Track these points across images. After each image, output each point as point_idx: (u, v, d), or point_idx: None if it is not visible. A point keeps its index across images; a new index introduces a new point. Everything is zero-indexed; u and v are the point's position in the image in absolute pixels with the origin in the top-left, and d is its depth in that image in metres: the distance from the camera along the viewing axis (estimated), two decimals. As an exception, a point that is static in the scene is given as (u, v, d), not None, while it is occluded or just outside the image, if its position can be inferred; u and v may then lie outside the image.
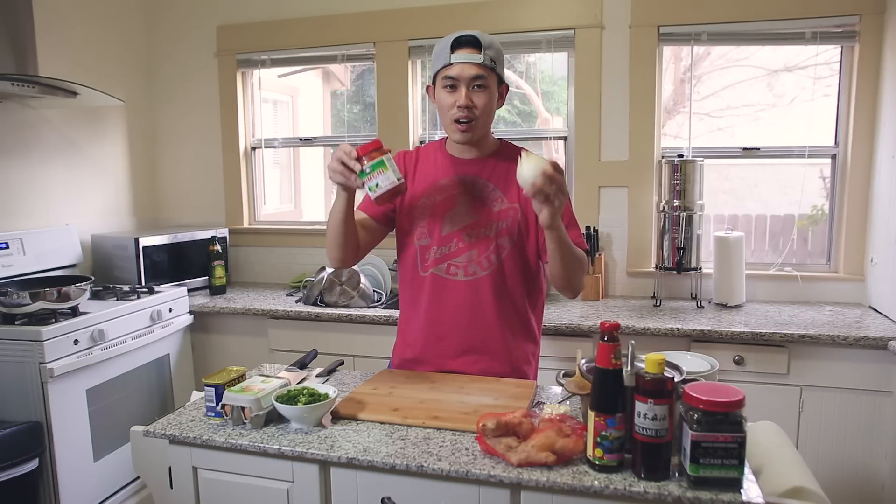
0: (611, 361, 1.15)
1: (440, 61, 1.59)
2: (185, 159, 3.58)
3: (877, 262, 2.63)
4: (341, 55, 3.30)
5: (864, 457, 2.32)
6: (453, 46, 1.56)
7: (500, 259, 1.65)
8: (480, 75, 1.56)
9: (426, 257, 1.70)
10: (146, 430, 1.43)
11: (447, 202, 1.68)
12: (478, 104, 1.58)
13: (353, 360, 2.72)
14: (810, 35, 2.73)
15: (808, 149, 2.81)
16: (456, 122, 1.59)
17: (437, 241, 1.68)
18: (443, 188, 1.69)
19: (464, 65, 1.55)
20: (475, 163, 1.68)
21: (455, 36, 1.57)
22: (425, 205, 1.70)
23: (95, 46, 3.18)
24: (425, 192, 1.70)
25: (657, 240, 2.93)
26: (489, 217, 1.65)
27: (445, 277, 1.68)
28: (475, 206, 1.66)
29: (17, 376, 2.24)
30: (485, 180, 1.67)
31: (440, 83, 1.60)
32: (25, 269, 2.66)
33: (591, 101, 2.96)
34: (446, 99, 1.59)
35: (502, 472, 1.19)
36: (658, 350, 1.26)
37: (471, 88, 1.57)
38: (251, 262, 3.53)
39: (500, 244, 1.65)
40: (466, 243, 1.66)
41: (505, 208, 1.65)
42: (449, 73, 1.57)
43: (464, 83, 1.56)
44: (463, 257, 1.66)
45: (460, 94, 1.57)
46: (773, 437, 1.43)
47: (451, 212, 1.67)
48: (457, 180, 1.68)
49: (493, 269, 1.66)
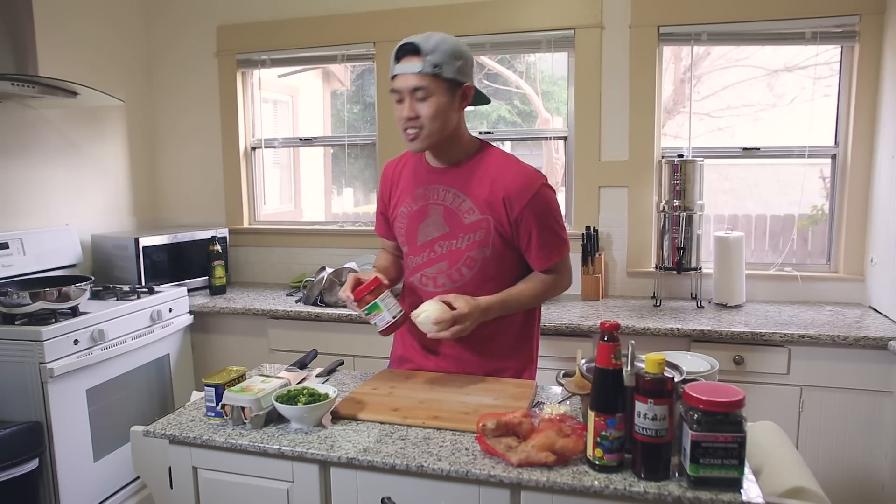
0: (611, 361, 1.15)
1: (391, 73, 1.57)
2: (185, 159, 3.58)
3: (877, 262, 2.63)
4: (341, 55, 3.30)
5: (864, 457, 2.32)
6: (397, 56, 1.54)
7: (472, 271, 1.64)
8: (420, 86, 1.51)
9: (408, 265, 1.75)
10: (146, 430, 1.43)
11: (422, 212, 1.68)
12: (421, 114, 1.53)
13: (353, 360, 2.73)
14: (810, 35, 2.73)
15: (808, 149, 2.81)
16: (405, 132, 1.58)
17: (413, 250, 1.70)
18: (418, 197, 1.68)
19: (404, 76, 1.53)
20: (448, 172, 1.65)
21: (398, 45, 1.54)
22: (404, 214, 1.71)
23: (95, 46, 3.18)
24: (405, 201, 1.71)
25: (657, 240, 2.93)
26: (459, 229, 1.63)
27: (421, 287, 1.70)
28: (447, 217, 1.64)
29: (17, 376, 2.24)
30: (456, 190, 1.63)
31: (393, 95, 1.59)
32: (25, 269, 2.66)
33: (591, 101, 2.96)
34: (395, 111, 1.58)
35: (502, 472, 1.19)
36: (658, 350, 1.26)
37: (413, 99, 1.53)
38: (251, 262, 3.53)
39: (471, 256, 1.63)
40: (437, 255, 1.66)
41: (476, 220, 1.61)
42: (393, 86, 1.56)
43: (406, 94, 1.53)
44: (433, 268, 1.67)
45: (404, 105, 1.55)
46: (773, 437, 1.43)
47: (425, 222, 1.67)
48: (430, 190, 1.67)
49: (463, 281, 1.64)
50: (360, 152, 3.50)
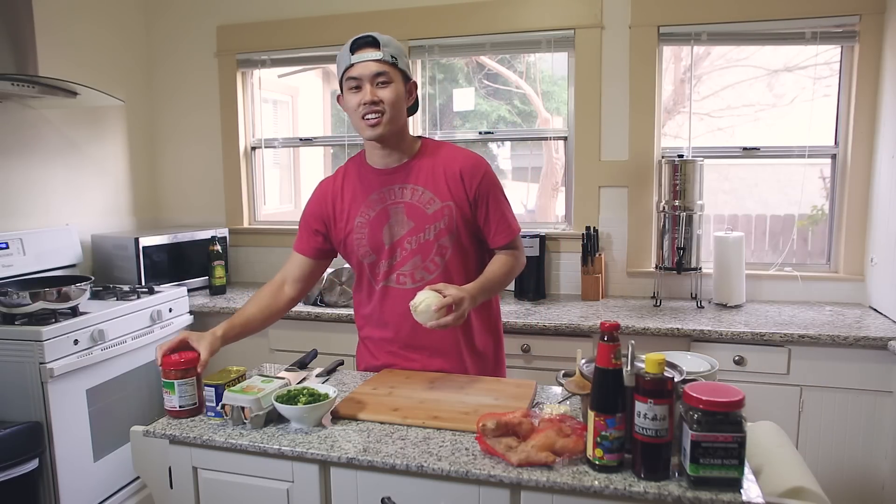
0: (611, 361, 1.15)
1: (342, 65, 1.60)
2: (185, 159, 3.58)
3: (877, 262, 2.63)
4: (341, 55, 3.30)
5: (864, 457, 2.32)
6: (352, 49, 1.58)
7: (445, 259, 1.67)
8: (382, 71, 1.58)
9: (376, 272, 1.72)
10: (146, 430, 1.43)
11: (382, 216, 1.68)
12: (384, 98, 1.58)
13: (353, 360, 2.71)
14: (810, 35, 2.73)
15: (808, 149, 2.81)
16: (364, 119, 1.59)
17: (383, 255, 1.70)
18: (373, 202, 1.69)
19: (365, 63, 1.57)
20: (399, 170, 1.68)
21: (353, 39, 1.59)
22: (363, 223, 1.70)
23: (95, 46, 3.18)
24: (358, 210, 1.71)
25: (657, 240, 2.93)
26: (425, 220, 1.66)
27: (396, 287, 1.70)
28: (409, 213, 1.67)
29: (17, 376, 2.24)
30: (412, 185, 1.67)
31: (346, 86, 1.61)
32: (25, 269, 2.66)
33: (591, 101, 2.96)
34: (352, 100, 1.60)
35: (502, 472, 1.19)
36: (658, 350, 1.26)
37: (374, 85, 1.58)
38: (251, 262, 3.53)
39: (441, 244, 1.67)
40: (408, 251, 1.68)
41: (439, 208, 1.66)
42: (351, 74, 1.59)
43: (367, 80, 1.58)
44: (408, 265, 1.68)
45: (365, 91, 1.58)
46: (773, 437, 1.43)
47: (388, 223, 1.68)
48: (385, 192, 1.68)
49: (440, 270, 1.68)
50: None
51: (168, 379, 1.47)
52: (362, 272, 1.76)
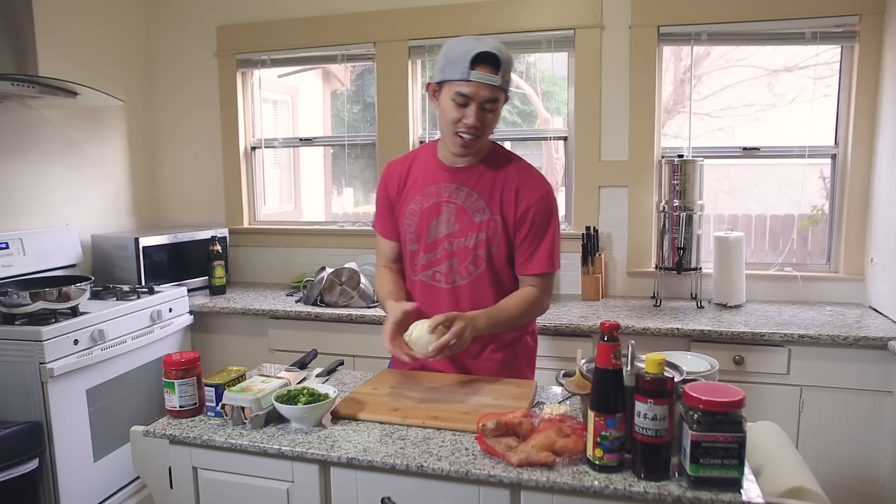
0: (611, 361, 1.15)
1: (455, 72, 1.52)
2: (185, 159, 3.58)
3: (877, 262, 2.63)
4: (341, 55, 3.30)
5: (864, 457, 2.32)
6: (473, 62, 1.50)
7: (479, 270, 1.67)
8: (494, 98, 1.54)
9: (415, 262, 1.73)
10: (146, 430, 1.44)
11: (433, 209, 1.69)
12: (485, 124, 1.57)
13: (353, 360, 2.72)
14: (810, 35, 2.73)
15: (808, 149, 2.81)
16: (457, 136, 1.57)
17: (423, 247, 1.71)
18: (430, 194, 1.69)
19: (481, 85, 1.51)
20: (463, 171, 1.67)
21: (476, 51, 1.50)
22: (414, 210, 1.71)
23: (95, 46, 3.18)
24: (415, 197, 1.71)
25: (657, 240, 2.93)
26: (470, 227, 1.66)
27: (432, 284, 1.71)
28: (458, 215, 1.67)
29: (17, 376, 2.24)
30: (469, 189, 1.66)
31: (450, 94, 1.54)
32: (25, 269, 2.66)
33: (591, 101, 2.96)
34: (453, 113, 1.55)
35: (502, 472, 1.19)
36: (658, 350, 1.26)
37: (481, 108, 1.54)
38: (251, 262, 3.53)
39: (478, 255, 1.67)
40: (447, 251, 1.68)
41: (486, 219, 1.65)
42: (463, 91, 1.52)
43: (476, 103, 1.53)
44: (445, 265, 1.69)
45: (470, 112, 1.53)
46: (773, 437, 1.43)
47: (437, 219, 1.68)
48: (443, 188, 1.68)
49: (472, 278, 1.68)
50: (360, 152, 3.50)
51: (168, 379, 1.47)
52: (406, 258, 1.77)
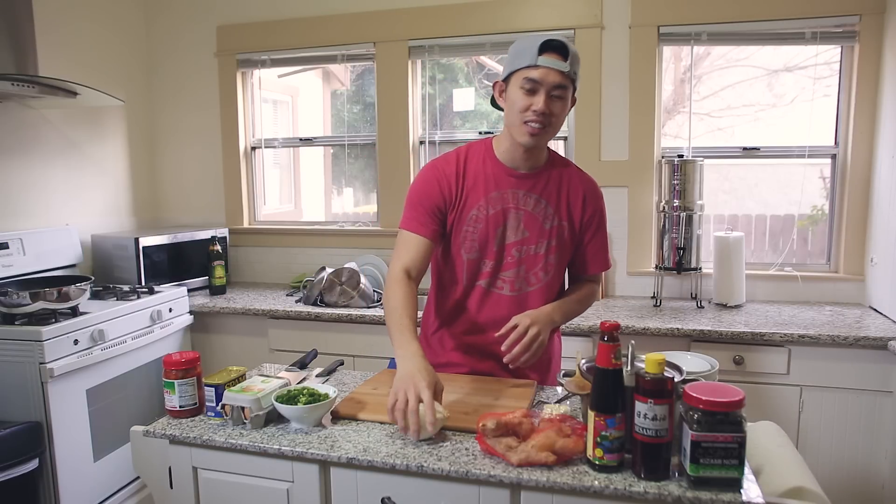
0: (611, 361, 1.15)
1: (522, 60, 1.51)
2: (185, 159, 3.58)
3: (877, 262, 2.63)
4: (341, 55, 3.30)
5: (864, 457, 2.32)
6: (541, 49, 1.49)
7: (549, 275, 1.67)
8: (563, 84, 1.51)
9: (479, 270, 1.66)
10: (146, 430, 1.43)
11: (499, 216, 1.63)
12: (555, 112, 1.53)
13: (353, 360, 2.72)
14: (810, 35, 2.73)
15: (808, 149, 2.81)
16: (526, 125, 1.54)
17: (489, 255, 1.64)
18: (494, 200, 1.63)
19: (549, 70, 1.49)
20: (529, 177, 1.64)
21: (544, 39, 1.50)
22: (476, 217, 1.63)
23: (95, 46, 3.18)
24: (477, 203, 1.63)
25: (657, 240, 2.93)
26: (541, 234, 1.64)
27: (495, 291, 1.67)
28: (527, 222, 1.64)
29: (17, 376, 2.24)
30: (538, 196, 1.64)
31: (518, 82, 1.52)
32: (25, 269, 2.66)
33: (591, 101, 2.96)
34: (522, 100, 1.52)
35: (502, 472, 1.19)
36: (658, 350, 1.26)
37: (549, 96, 1.51)
38: (251, 262, 3.53)
39: (549, 261, 1.66)
40: (516, 259, 1.65)
41: (555, 225, 1.65)
42: (532, 76, 1.50)
43: (545, 88, 1.50)
44: (511, 272, 1.66)
45: (539, 98, 1.50)
46: (773, 437, 1.43)
47: (503, 226, 1.64)
48: (509, 194, 1.63)
49: (542, 284, 1.67)
50: (360, 152, 3.50)
51: (168, 379, 1.47)
52: (457, 266, 1.67)
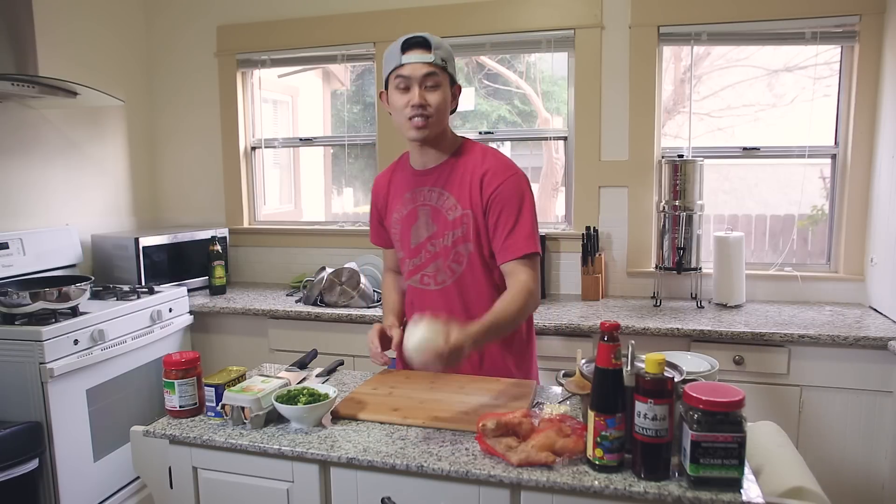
0: (611, 361, 1.15)
1: (391, 63, 1.60)
2: (185, 159, 3.58)
3: (877, 262, 2.63)
4: (341, 55, 3.30)
5: (864, 457, 2.32)
6: (403, 48, 1.58)
7: (462, 267, 1.68)
8: (432, 73, 1.58)
9: (404, 269, 1.78)
10: (146, 430, 1.44)
11: (411, 215, 1.72)
12: (431, 102, 1.58)
13: (353, 360, 2.72)
14: (810, 35, 2.73)
15: (808, 149, 2.81)
16: (410, 121, 1.59)
17: (408, 253, 1.74)
18: (407, 201, 1.73)
19: (415, 64, 1.57)
20: (431, 172, 1.70)
21: (404, 38, 1.59)
22: (396, 219, 1.76)
23: (95, 46, 3.18)
24: (396, 207, 1.76)
25: (657, 240, 2.93)
26: (445, 226, 1.67)
27: (421, 288, 1.74)
28: (433, 217, 1.69)
29: (17, 376, 2.24)
30: (440, 189, 1.68)
31: (393, 83, 1.61)
32: (25, 269, 2.66)
33: (591, 101, 2.96)
34: (399, 99, 1.60)
35: (502, 472, 1.19)
36: (658, 350, 1.26)
37: (423, 87, 1.58)
38: (251, 262, 3.53)
39: (458, 252, 1.67)
40: (431, 253, 1.70)
41: (459, 216, 1.66)
42: (401, 73, 1.58)
43: (416, 82, 1.57)
44: (431, 267, 1.71)
45: (413, 93, 1.58)
46: (773, 437, 1.43)
47: (416, 224, 1.71)
48: (417, 192, 1.71)
49: (457, 275, 1.69)
50: (360, 152, 3.50)
51: (168, 379, 1.46)
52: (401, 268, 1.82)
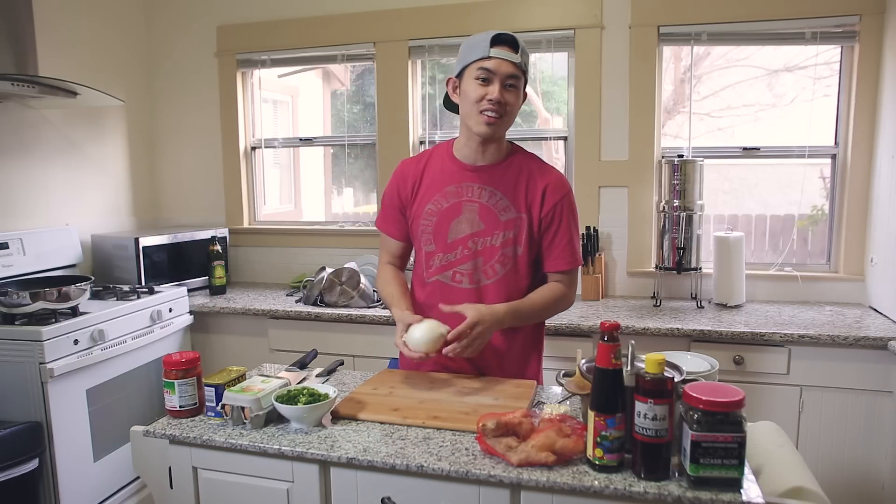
0: (611, 361, 1.15)
1: (475, 53, 1.57)
2: (185, 159, 3.58)
3: (877, 262, 2.63)
4: (341, 55, 3.30)
5: (864, 457, 2.32)
6: (493, 42, 1.56)
7: (506, 268, 1.67)
8: (515, 74, 1.58)
9: (430, 263, 1.72)
10: (146, 430, 1.44)
11: (453, 209, 1.68)
12: (508, 101, 1.58)
13: (353, 360, 2.73)
14: (810, 35, 2.73)
15: (808, 149, 2.81)
16: (482, 114, 1.58)
17: (441, 247, 1.69)
18: (450, 195, 1.68)
19: (502, 61, 1.56)
20: (483, 170, 1.67)
21: (494, 32, 1.57)
22: (432, 211, 1.70)
23: (95, 46, 3.18)
24: (433, 197, 1.70)
25: (657, 240, 2.93)
26: (496, 226, 1.66)
27: (451, 285, 1.69)
28: (482, 215, 1.66)
29: (17, 376, 2.24)
30: (493, 188, 1.66)
31: (473, 74, 1.58)
32: (25, 269, 2.66)
33: (591, 101, 2.96)
34: (477, 90, 1.57)
35: (502, 472, 1.19)
36: (658, 350, 1.26)
37: (504, 86, 1.57)
38: (251, 262, 3.53)
39: (505, 253, 1.66)
40: (471, 251, 1.67)
41: (512, 218, 1.66)
42: (486, 66, 1.56)
43: (499, 78, 1.56)
44: (468, 265, 1.68)
45: (494, 88, 1.56)
46: (773, 437, 1.43)
47: (458, 219, 1.67)
48: (465, 187, 1.68)
49: (499, 277, 1.67)
50: (360, 152, 3.50)
51: (168, 379, 1.46)
52: (422, 261, 1.75)
